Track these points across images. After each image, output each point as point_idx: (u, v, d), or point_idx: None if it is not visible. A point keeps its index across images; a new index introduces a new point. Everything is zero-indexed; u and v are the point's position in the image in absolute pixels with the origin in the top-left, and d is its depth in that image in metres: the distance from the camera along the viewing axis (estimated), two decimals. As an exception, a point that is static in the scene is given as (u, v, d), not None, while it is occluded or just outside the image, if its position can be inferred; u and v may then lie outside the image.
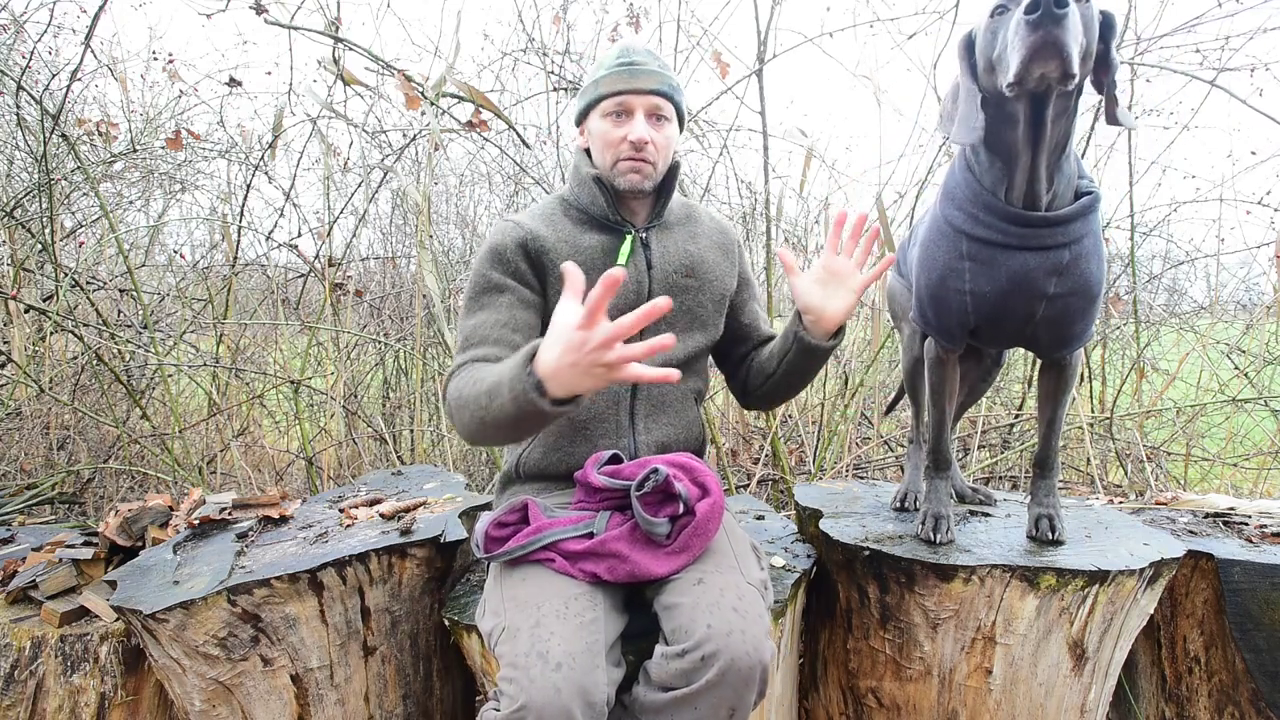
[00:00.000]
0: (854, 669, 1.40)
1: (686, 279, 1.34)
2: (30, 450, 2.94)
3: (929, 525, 1.36)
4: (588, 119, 1.31)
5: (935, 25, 2.59)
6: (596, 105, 1.28)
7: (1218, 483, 3.07)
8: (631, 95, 1.25)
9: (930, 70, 2.59)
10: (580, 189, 1.31)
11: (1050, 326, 1.24)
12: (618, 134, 1.25)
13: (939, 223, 1.25)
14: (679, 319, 1.34)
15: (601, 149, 1.28)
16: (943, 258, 1.24)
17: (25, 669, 1.36)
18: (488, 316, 1.23)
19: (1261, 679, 1.37)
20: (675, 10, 2.64)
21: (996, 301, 1.22)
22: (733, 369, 1.49)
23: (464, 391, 1.10)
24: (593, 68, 1.31)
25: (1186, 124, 2.60)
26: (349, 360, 3.41)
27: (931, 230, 1.27)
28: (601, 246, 1.29)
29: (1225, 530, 1.54)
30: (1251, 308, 3.30)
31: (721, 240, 1.42)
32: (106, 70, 3.37)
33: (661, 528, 1.09)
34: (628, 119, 1.26)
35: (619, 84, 1.24)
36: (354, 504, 1.67)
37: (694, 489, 1.14)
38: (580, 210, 1.32)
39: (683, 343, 1.34)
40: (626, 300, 1.28)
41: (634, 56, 1.26)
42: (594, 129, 1.29)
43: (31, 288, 2.96)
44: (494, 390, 1.01)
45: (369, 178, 3.13)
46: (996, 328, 1.27)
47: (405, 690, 1.42)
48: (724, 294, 1.40)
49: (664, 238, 1.34)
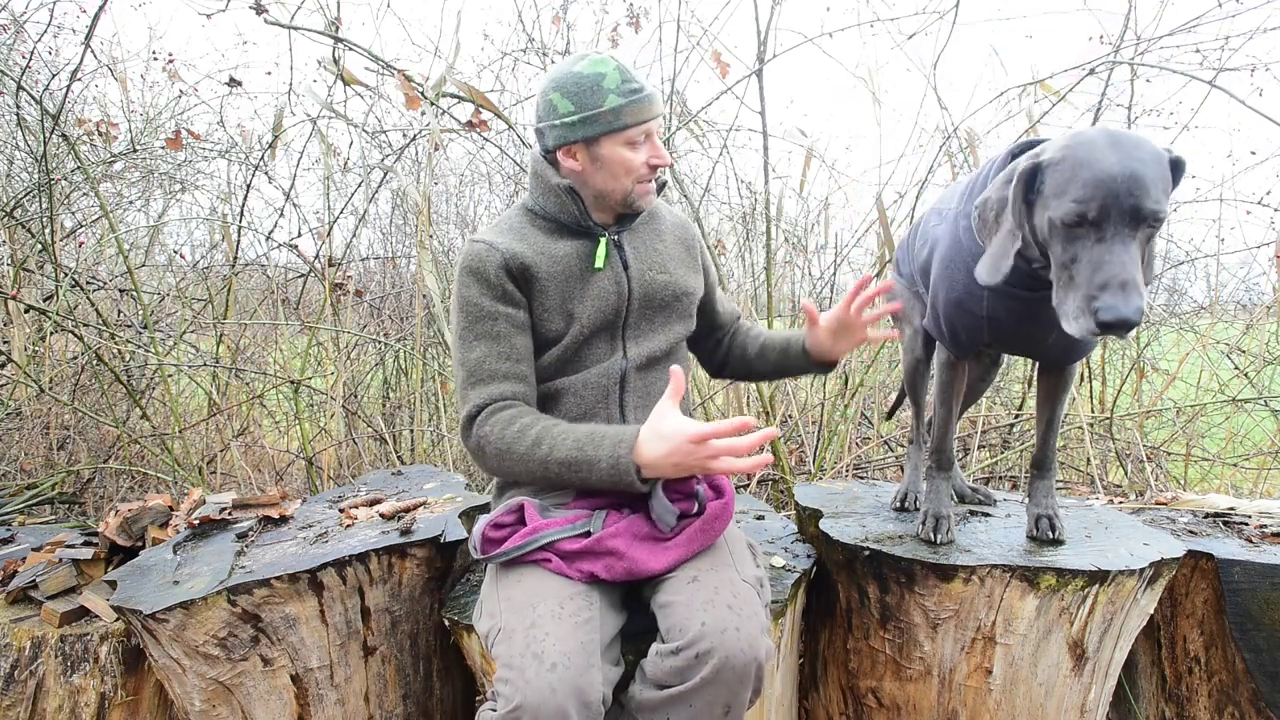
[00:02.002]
0: (854, 669, 1.40)
1: (661, 275, 1.36)
2: (30, 450, 2.94)
3: (929, 525, 1.36)
4: (594, 145, 1.26)
5: (935, 25, 2.58)
6: (614, 134, 1.25)
7: (1218, 483, 3.07)
8: (651, 123, 1.27)
9: (930, 70, 2.59)
10: (547, 198, 1.31)
11: (1061, 346, 1.26)
12: (638, 160, 1.27)
13: (960, 245, 1.22)
14: (658, 314, 1.36)
15: (619, 175, 1.27)
16: (962, 281, 1.22)
17: (25, 669, 1.36)
18: (489, 349, 1.24)
19: (1261, 679, 1.37)
20: (675, 10, 2.63)
21: (1013, 328, 1.22)
22: (705, 351, 1.56)
23: (512, 444, 1.17)
24: (584, 88, 1.25)
25: (1186, 124, 2.60)
26: (349, 360, 3.41)
27: (953, 249, 1.24)
28: (576, 252, 1.30)
29: (1225, 530, 1.54)
30: (1251, 308, 3.30)
31: (682, 235, 1.45)
32: (106, 70, 3.37)
33: (671, 517, 1.10)
34: (644, 143, 1.28)
35: (641, 114, 1.25)
36: (354, 504, 1.67)
37: (709, 490, 1.17)
38: (548, 219, 1.32)
39: (663, 335, 1.36)
40: (608, 302, 1.29)
41: (635, 81, 1.26)
42: (606, 155, 1.26)
43: (31, 288, 2.96)
44: (578, 464, 1.12)
45: (369, 178, 3.13)
46: (1009, 346, 1.29)
47: (405, 690, 1.42)
48: (694, 289, 1.42)
49: (634, 239, 1.36)
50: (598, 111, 1.24)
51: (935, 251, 1.31)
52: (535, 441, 1.15)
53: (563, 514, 1.17)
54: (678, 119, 2.79)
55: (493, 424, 1.19)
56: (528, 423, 1.19)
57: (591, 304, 1.29)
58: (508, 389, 1.24)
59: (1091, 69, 2.45)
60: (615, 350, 1.32)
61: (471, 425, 1.21)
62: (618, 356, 1.31)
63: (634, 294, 1.32)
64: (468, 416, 1.22)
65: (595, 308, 1.29)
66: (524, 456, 1.15)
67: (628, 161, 1.26)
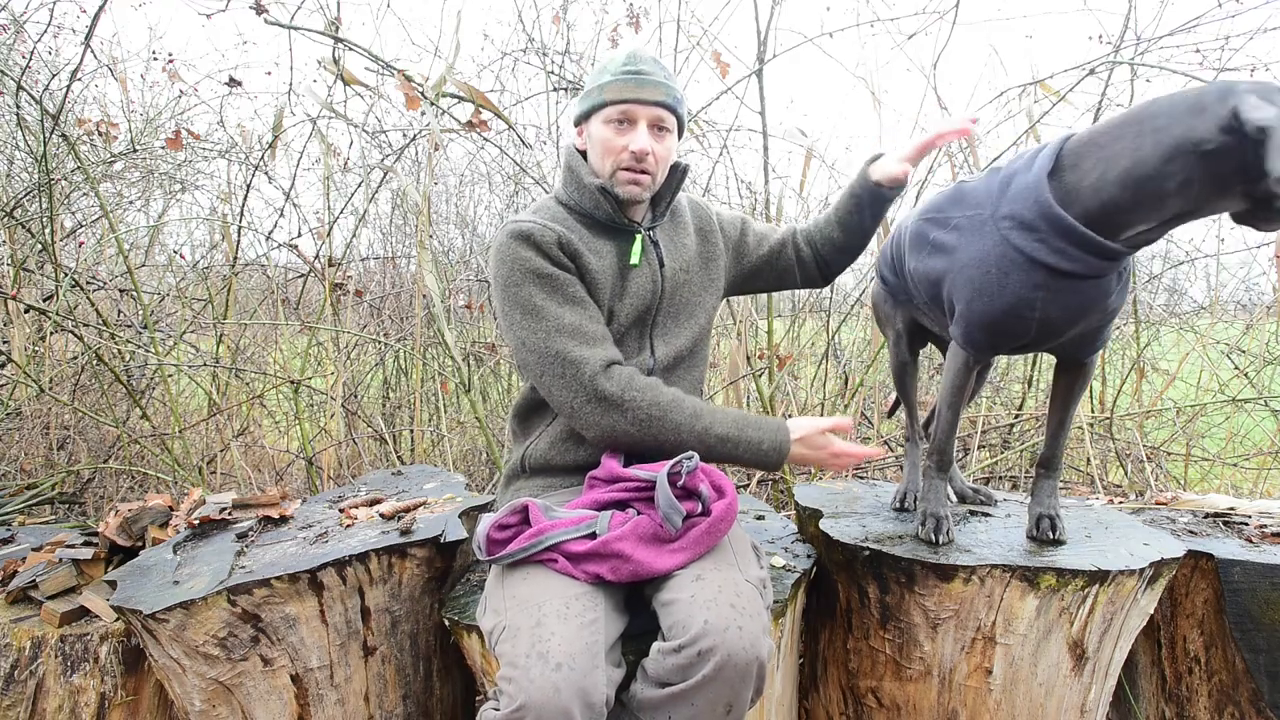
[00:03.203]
0: (854, 669, 1.40)
1: (688, 273, 1.39)
2: (30, 450, 2.94)
3: (930, 526, 1.36)
4: (589, 121, 1.31)
5: (935, 25, 2.58)
6: (599, 110, 1.27)
7: (1218, 483, 3.07)
8: (637, 105, 1.24)
9: (930, 70, 2.59)
10: (581, 195, 1.31)
11: (1087, 337, 1.28)
12: (620, 142, 1.26)
13: (1009, 252, 1.19)
14: (682, 310, 1.38)
15: (601, 154, 1.28)
16: (1014, 288, 1.20)
17: (25, 669, 1.36)
18: (581, 313, 1.25)
19: (1261, 679, 1.37)
20: (675, 10, 2.64)
21: (1061, 324, 1.23)
22: (791, 272, 1.55)
23: (668, 410, 1.22)
24: (596, 69, 1.31)
25: (1186, 124, 2.59)
26: (349, 360, 3.41)
27: (996, 259, 1.21)
28: (615, 249, 1.32)
29: (1225, 530, 1.54)
30: (1251, 308, 3.29)
31: (700, 225, 1.45)
32: (106, 70, 3.37)
33: (678, 516, 1.10)
34: (630, 128, 1.26)
35: (625, 92, 1.24)
36: (354, 504, 1.67)
37: (712, 491, 1.17)
38: (583, 214, 1.32)
39: (687, 331, 1.38)
40: (643, 299, 1.31)
41: (640, 65, 1.26)
42: (595, 133, 1.29)
43: (31, 288, 2.96)
44: (736, 441, 1.24)
45: (369, 178, 3.13)
46: (1041, 345, 1.29)
47: (405, 690, 1.42)
48: (718, 283, 1.44)
49: (665, 234, 1.38)
50: (593, 86, 1.28)
51: (956, 260, 1.27)
52: (694, 414, 1.21)
53: (567, 515, 1.16)
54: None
55: (639, 387, 1.21)
56: (677, 394, 1.23)
57: (629, 302, 1.30)
58: (615, 352, 1.25)
59: (1091, 69, 2.45)
60: (644, 349, 1.34)
61: (600, 382, 1.20)
62: (645, 355, 1.33)
63: (666, 293, 1.34)
64: (595, 372, 1.20)
65: (632, 305, 1.30)
66: (679, 425, 1.21)
67: (608, 141, 1.26)
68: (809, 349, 3.56)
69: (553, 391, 1.25)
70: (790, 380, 3.25)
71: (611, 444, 1.25)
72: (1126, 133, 1.08)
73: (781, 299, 3.45)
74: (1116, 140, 1.09)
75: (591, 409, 1.22)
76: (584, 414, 1.22)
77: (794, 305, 3.69)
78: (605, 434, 1.23)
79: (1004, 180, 1.23)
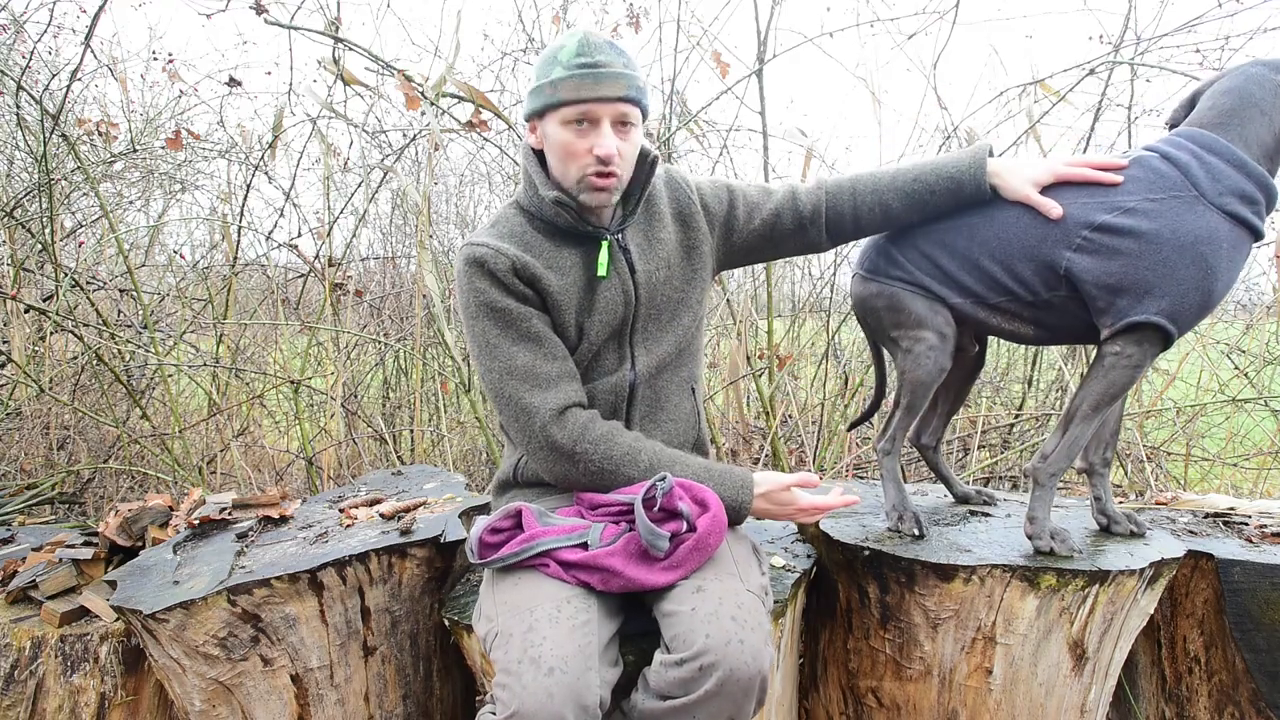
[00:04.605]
0: (854, 669, 1.40)
1: (666, 271, 1.28)
2: (30, 450, 2.94)
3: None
4: (542, 120, 1.17)
5: (935, 25, 2.58)
6: (555, 110, 1.14)
7: (1218, 483, 3.07)
8: (597, 104, 1.11)
9: (930, 70, 2.59)
10: (540, 204, 1.22)
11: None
12: (582, 145, 1.13)
13: (1236, 226, 1.23)
14: (664, 312, 1.29)
15: (562, 159, 1.16)
16: (1240, 260, 1.26)
17: (25, 669, 1.36)
18: (535, 352, 1.18)
19: (1261, 679, 1.37)
20: (675, 10, 2.63)
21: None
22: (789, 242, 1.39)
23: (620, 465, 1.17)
24: (544, 58, 1.14)
25: (1186, 124, 2.60)
26: (349, 360, 3.41)
27: (1226, 233, 1.22)
28: (581, 260, 1.22)
29: (1225, 530, 1.54)
30: (1251, 308, 3.30)
31: (679, 210, 1.32)
32: (106, 70, 3.37)
33: (662, 541, 1.06)
34: (592, 129, 1.13)
35: (583, 90, 1.10)
36: (354, 504, 1.67)
37: (694, 506, 1.12)
38: (545, 221, 1.23)
39: (671, 335, 1.30)
40: (614, 312, 1.24)
41: (596, 55, 1.11)
42: (552, 135, 1.16)
43: (31, 288, 2.96)
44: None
45: (369, 178, 3.13)
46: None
47: (405, 690, 1.42)
48: (702, 274, 1.33)
49: (638, 234, 1.27)
50: (542, 83, 1.14)
51: (1156, 242, 1.22)
52: (650, 466, 1.17)
53: (561, 522, 1.14)
54: (678, 119, 2.79)
55: (592, 438, 1.16)
56: (631, 443, 1.18)
57: (599, 318, 1.23)
58: (573, 393, 1.19)
59: (1091, 69, 2.45)
60: (623, 361, 1.27)
61: (552, 432, 1.16)
62: (625, 368, 1.27)
63: (641, 300, 1.26)
64: (545, 422, 1.16)
65: (603, 321, 1.23)
66: (632, 479, 1.16)
67: (568, 145, 1.14)
68: (809, 349, 3.57)
69: (509, 431, 1.23)
70: (790, 380, 3.25)
71: (567, 488, 1.23)
72: (1250, 113, 1.24)
73: (781, 299, 3.45)
74: (1255, 118, 1.24)
75: (543, 456, 1.19)
76: (537, 459, 1.20)
77: (794, 305, 3.69)
78: (559, 480, 1.21)
79: (1188, 162, 1.24)
